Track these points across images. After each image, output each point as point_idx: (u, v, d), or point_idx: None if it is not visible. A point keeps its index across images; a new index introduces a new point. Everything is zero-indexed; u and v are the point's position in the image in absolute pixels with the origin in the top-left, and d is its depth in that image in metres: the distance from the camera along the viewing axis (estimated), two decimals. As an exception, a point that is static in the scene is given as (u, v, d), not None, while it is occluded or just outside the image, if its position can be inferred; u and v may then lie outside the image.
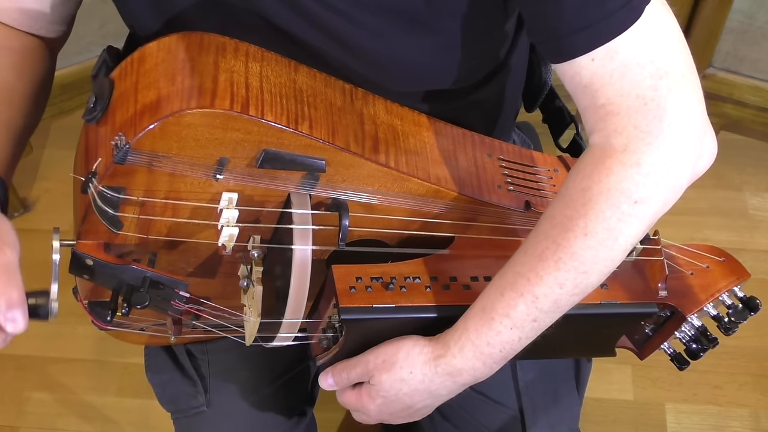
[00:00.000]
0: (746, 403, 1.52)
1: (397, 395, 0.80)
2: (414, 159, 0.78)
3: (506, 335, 0.74)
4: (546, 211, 0.74)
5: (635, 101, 0.69)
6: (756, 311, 0.87)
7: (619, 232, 0.70)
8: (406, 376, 0.78)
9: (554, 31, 0.69)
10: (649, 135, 0.69)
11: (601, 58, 0.69)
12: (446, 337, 0.77)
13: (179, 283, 0.75)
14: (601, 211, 0.70)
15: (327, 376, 0.83)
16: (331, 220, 0.76)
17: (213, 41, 0.72)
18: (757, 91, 1.65)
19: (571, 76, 0.71)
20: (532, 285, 0.73)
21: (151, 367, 1.02)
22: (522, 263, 0.74)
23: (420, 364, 0.77)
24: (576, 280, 0.72)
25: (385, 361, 0.78)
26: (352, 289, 0.77)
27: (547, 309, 0.73)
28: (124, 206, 0.73)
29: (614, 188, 0.69)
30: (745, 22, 1.57)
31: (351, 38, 0.74)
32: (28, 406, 1.53)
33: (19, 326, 0.65)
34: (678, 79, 0.69)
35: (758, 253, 1.69)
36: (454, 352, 0.76)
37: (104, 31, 1.59)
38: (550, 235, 0.72)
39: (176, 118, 0.67)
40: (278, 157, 0.71)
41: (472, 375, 0.77)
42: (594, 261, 0.71)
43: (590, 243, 0.71)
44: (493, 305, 0.74)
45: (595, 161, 0.71)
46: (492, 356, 0.76)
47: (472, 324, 0.75)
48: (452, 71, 0.79)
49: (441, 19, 0.74)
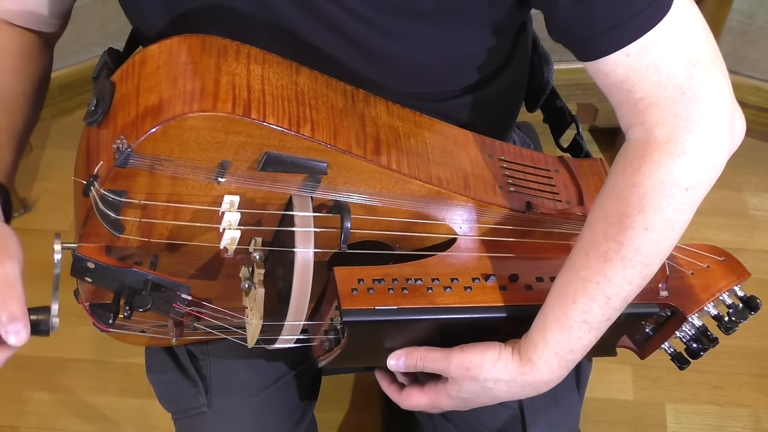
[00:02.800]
0: (746, 403, 1.52)
1: (477, 398, 0.82)
2: (415, 160, 0.78)
3: (586, 339, 0.77)
4: (595, 210, 0.76)
5: (673, 92, 0.71)
6: (756, 310, 0.87)
7: (676, 220, 0.73)
8: (491, 386, 0.80)
9: (585, 32, 0.71)
10: (690, 122, 0.71)
11: (636, 53, 0.70)
12: (527, 352, 0.79)
13: (181, 285, 0.75)
14: (658, 204, 0.72)
15: (399, 357, 0.82)
16: (332, 222, 0.76)
17: (214, 43, 0.72)
18: (757, 91, 1.65)
19: (605, 73, 0.72)
20: (602, 287, 0.74)
21: (152, 368, 1.02)
22: (586, 267, 0.75)
23: (506, 378, 0.79)
24: (642, 273, 0.75)
25: (469, 369, 0.79)
26: (354, 291, 0.77)
27: (618, 306, 0.76)
28: (126, 209, 0.72)
29: (666, 179, 0.71)
30: (745, 22, 1.57)
31: (364, 39, 0.74)
32: (28, 406, 1.53)
33: (22, 339, 0.65)
34: (709, 65, 0.71)
35: (758, 253, 1.69)
36: (541, 366, 0.78)
37: (104, 31, 1.59)
38: (610, 234, 0.74)
39: (178, 122, 0.67)
40: (280, 160, 0.71)
41: (556, 382, 0.81)
42: (656, 252, 0.74)
43: (651, 236, 0.73)
44: (568, 314, 0.76)
45: (640, 155, 0.72)
46: (574, 361, 0.79)
47: (552, 337, 0.77)
48: (461, 72, 0.80)
49: (453, 19, 0.74)
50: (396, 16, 0.73)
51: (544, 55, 0.97)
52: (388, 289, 0.78)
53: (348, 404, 1.53)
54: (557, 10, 0.71)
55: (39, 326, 0.69)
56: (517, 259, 0.84)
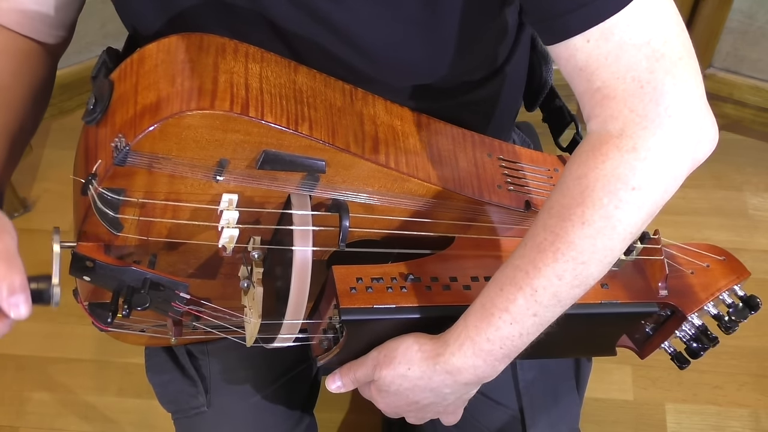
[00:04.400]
0: (746, 403, 1.52)
1: (398, 390, 0.79)
2: (414, 159, 0.78)
3: (506, 331, 0.73)
4: (545, 202, 0.73)
5: (631, 84, 0.68)
6: (756, 310, 0.87)
7: (617, 220, 0.69)
8: (404, 372, 0.78)
9: (549, 11, 0.68)
10: (645, 119, 0.68)
11: (596, 39, 0.67)
12: (446, 335, 0.77)
13: (179, 284, 0.75)
14: (599, 199, 0.68)
15: (335, 378, 0.83)
16: (331, 220, 0.76)
17: (212, 42, 0.72)
18: (757, 91, 1.65)
19: (566, 58, 0.70)
20: (530, 278, 0.71)
21: (152, 368, 1.02)
22: (521, 256, 0.73)
23: (418, 360, 0.77)
24: (575, 271, 0.71)
25: (386, 356, 0.79)
26: (353, 290, 0.77)
27: (546, 303, 0.72)
28: (125, 208, 0.73)
29: (611, 174, 0.68)
30: (745, 22, 1.57)
31: (356, 33, 0.74)
32: (28, 406, 1.53)
33: (22, 311, 0.65)
34: (675, 62, 0.68)
35: (758, 252, 1.69)
36: (453, 350, 0.75)
37: (104, 31, 1.59)
38: (548, 225, 0.71)
39: (176, 120, 0.67)
40: (278, 158, 0.71)
41: (473, 373, 0.76)
42: (593, 251, 0.70)
43: (588, 232, 0.69)
44: (493, 301, 0.73)
45: (591, 148, 0.70)
46: (492, 353, 0.75)
47: (472, 321, 0.75)
48: (449, 65, 0.78)
49: (435, 9, 0.73)
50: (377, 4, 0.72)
51: (542, 54, 0.97)
52: (387, 288, 0.78)
53: (348, 404, 1.53)
54: None
55: (41, 295, 0.70)
56: (517, 258, 0.84)
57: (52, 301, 0.70)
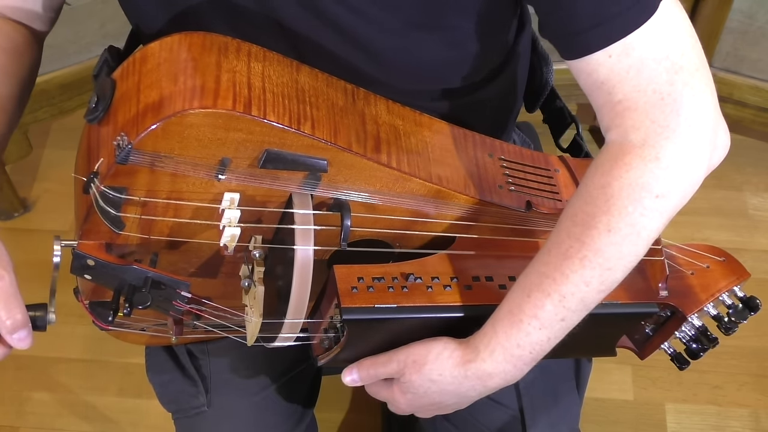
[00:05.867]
0: (746, 403, 1.52)
1: (426, 393, 0.80)
2: (415, 159, 0.78)
3: (535, 336, 0.75)
4: (565, 209, 0.75)
5: (652, 96, 0.70)
6: (756, 311, 0.87)
7: (642, 227, 0.71)
8: (435, 378, 0.79)
9: (569, 27, 0.70)
10: (667, 129, 0.70)
11: (618, 54, 0.70)
12: (475, 341, 0.78)
13: (181, 283, 0.75)
14: (624, 207, 0.71)
15: (352, 371, 0.83)
16: (332, 220, 0.76)
17: (215, 41, 0.72)
18: (757, 91, 1.65)
19: (587, 73, 0.72)
20: (558, 284, 0.73)
21: (152, 367, 1.02)
22: (546, 263, 0.74)
23: (450, 367, 0.78)
24: (602, 277, 0.73)
25: (416, 362, 0.79)
26: (354, 290, 0.77)
27: (574, 308, 0.74)
28: (126, 206, 0.73)
29: (635, 183, 0.70)
30: (745, 22, 1.57)
31: (362, 35, 0.74)
32: (28, 406, 1.53)
33: (26, 344, 0.71)
34: (692, 73, 0.71)
35: (758, 253, 1.69)
36: (484, 356, 0.77)
37: (104, 31, 1.58)
38: (573, 233, 0.73)
39: (179, 119, 0.67)
40: (280, 158, 0.71)
41: (503, 378, 0.78)
42: (619, 257, 0.72)
43: (614, 239, 0.71)
44: (521, 307, 0.75)
45: (613, 157, 0.72)
46: (522, 358, 0.77)
47: (501, 327, 0.76)
48: (461, 69, 0.80)
49: (451, 15, 0.74)
50: (392, 11, 0.73)
51: (543, 56, 0.97)
52: (388, 287, 0.78)
53: (348, 404, 1.53)
54: (544, 4, 0.71)
55: (36, 322, 0.73)
56: (517, 258, 0.84)
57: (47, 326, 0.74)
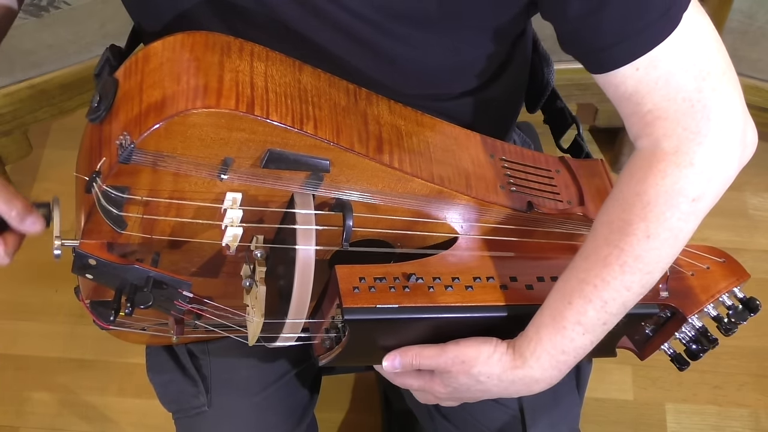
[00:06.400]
0: (746, 403, 1.52)
1: (469, 389, 0.82)
2: (417, 159, 0.78)
3: (579, 341, 0.77)
4: (600, 216, 0.76)
5: (682, 104, 0.71)
6: (755, 312, 0.87)
7: (679, 230, 0.73)
8: (483, 380, 0.80)
9: (595, 44, 0.71)
10: (699, 135, 0.71)
11: (645, 66, 0.70)
12: (520, 347, 0.79)
13: (182, 282, 0.75)
14: (662, 213, 0.72)
15: (394, 358, 0.82)
16: (334, 220, 0.76)
17: (218, 40, 0.72)
18: (757, 91, 1.65)
19: (615, 85, 0.72)
20: (599, 291, 0.74)
21: (153, 367, 1.02)
22: (585, 270, 0.75)
23: (498, 372, 0.79)
24: (642, 280, 0.75)
25: (465, 362, 0.79)
26: (356, 290, 0.77)
27: (615, 311, 0.76)
28: (128, 206, 0.73)
29: (671, 190, 0.71)
30: (745, 22, 1.57)
31: (366, 40, 0.74)
32: (28, 406, 1.53)
33: (38, 227, 0.72)
34: (719, 77, 0.71)
35: (758, 253, 1.69)
36: (532, 363, 0.78)
37: (104, 31, 1.58)
38: (611, 240, 0.74)
39: (181, 118, 0.67)
40: (283, 157, 0.71)
41: (548, 382, 0.80)
42: (657, 260, 0.74)
43: (653, 244, 0.73)
44: (563, 314, 0.76)
45: (647, 165, 0.72)
46: (567, 363, 0.79)
47: (545, 334, 0.77)
48: (465, 73, 0.80)
49: (456, 24, 0.74)
50: (399, 19, 0.73)
51: (544, 56, 0.97)
52: (390, 287, 0.78)
53: (348, 404, 1.53)
54: (567, 23, 0.71)
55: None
56: (518, 258, 0.84)
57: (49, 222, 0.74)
